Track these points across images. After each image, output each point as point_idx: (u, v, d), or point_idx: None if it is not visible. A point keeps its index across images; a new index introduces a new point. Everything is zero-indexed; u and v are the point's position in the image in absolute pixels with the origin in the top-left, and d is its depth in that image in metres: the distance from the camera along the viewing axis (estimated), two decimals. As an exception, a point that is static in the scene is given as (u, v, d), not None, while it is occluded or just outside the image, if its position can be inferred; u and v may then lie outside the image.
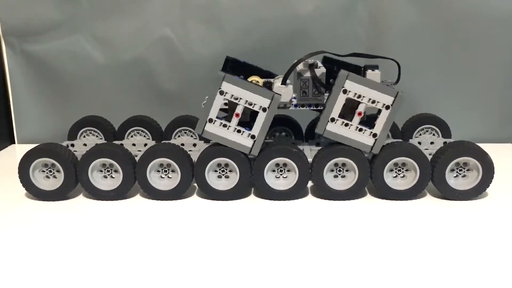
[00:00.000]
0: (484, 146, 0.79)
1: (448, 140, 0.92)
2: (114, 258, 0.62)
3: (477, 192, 0.79)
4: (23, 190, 0.82)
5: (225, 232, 0.69)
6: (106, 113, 1.04)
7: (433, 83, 1.09)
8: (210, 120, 0.77)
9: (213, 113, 0.77)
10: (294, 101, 0.84)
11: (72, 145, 0.91)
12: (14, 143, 1.18)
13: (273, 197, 0.80)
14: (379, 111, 0.77)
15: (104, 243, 0.66)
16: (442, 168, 0.78)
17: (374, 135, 0.78)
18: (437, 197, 0.80)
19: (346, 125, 0.78)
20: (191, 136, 0.99)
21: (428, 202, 0.79)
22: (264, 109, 0.77)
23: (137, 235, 0.68)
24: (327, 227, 0.70)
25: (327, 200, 0.80)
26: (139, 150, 0.88)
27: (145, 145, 0.90)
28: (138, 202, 0.81)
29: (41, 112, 1.15)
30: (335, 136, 0.78)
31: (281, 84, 0.81)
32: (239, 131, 0.78)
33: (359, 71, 0.83)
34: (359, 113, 0.77)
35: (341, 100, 0.77)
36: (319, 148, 0.82)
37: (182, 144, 0.89)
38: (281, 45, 1.07)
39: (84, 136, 1.00)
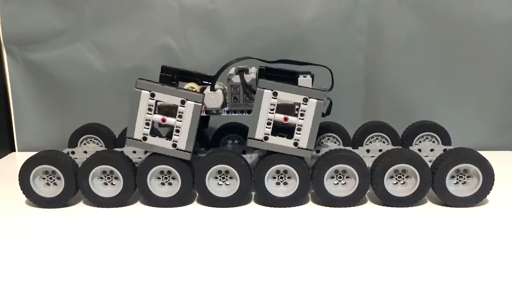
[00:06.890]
0: (484, 154, 0.79)
1: (448, 147, 0.92)
2: (114, 265, 0.62)
3: (477, 199, 0.79)
4: (24, 198, 0.82)
5: (225, 239, 0.69)
6: (107, 120, 1.05)
7: (433, 90, 1.10)
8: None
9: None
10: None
11: (73, 152, 0.92)
12: (15, 150, 1.18)
13: (274, 204, 0.80)
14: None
15: (104, 251, 0.66)
16: (442, 175, 0.78)
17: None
18: (437, 204, 0.80)
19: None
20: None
21: (429, 209, 0.79)
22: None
23: (138, 242, 0.68)
24: (327, 234, 0.70)
25: (328, 207, 0.80)
26: (140, 158, 0.88)
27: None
28: (138, 209, 0.81)
29: (42, 119, 1.15)
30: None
31: (210, 90, 0.81)
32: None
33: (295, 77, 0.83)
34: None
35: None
36: (319, 155, 0.82)
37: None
38: (282, 52, 1.07)
39: (85, 144, 1.00)
